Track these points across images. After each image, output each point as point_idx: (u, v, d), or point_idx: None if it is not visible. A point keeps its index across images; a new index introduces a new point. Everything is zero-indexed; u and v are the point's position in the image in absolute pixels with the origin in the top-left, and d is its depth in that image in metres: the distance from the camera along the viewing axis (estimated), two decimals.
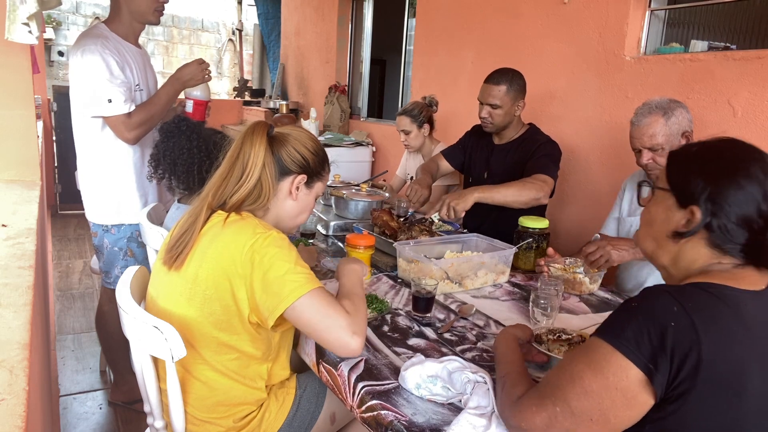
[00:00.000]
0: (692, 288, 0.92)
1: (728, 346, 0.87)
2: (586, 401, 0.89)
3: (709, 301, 0.89)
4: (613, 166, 2.56)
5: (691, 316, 0.86)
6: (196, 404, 1.25)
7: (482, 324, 1.53)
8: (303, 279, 1.16)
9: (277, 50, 6.74)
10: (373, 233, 2.11)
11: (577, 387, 0.90)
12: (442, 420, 1.07)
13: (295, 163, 1.33)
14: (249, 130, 1.30)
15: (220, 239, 1.20)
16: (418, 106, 3.05)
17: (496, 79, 2.32)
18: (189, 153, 1.86)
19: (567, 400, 0.91)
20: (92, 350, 2.90)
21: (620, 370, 0.87)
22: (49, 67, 8.64)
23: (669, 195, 1.02)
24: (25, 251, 1.37)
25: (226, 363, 1.24)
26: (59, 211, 5.47)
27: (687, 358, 0.85)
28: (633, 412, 0.89)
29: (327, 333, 1.14)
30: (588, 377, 0.89)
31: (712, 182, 0.95)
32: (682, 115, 1.83)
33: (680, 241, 1.00)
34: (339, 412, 1.44)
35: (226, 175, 1.28)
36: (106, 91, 1.99)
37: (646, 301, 0.91)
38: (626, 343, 0.87)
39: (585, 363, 0.91)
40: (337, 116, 4.95)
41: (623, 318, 0.91)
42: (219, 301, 1.19)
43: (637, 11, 2.46)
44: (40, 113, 4.74)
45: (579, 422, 0.90)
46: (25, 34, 1.61)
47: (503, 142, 2.46)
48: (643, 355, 0.86)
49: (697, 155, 1.01)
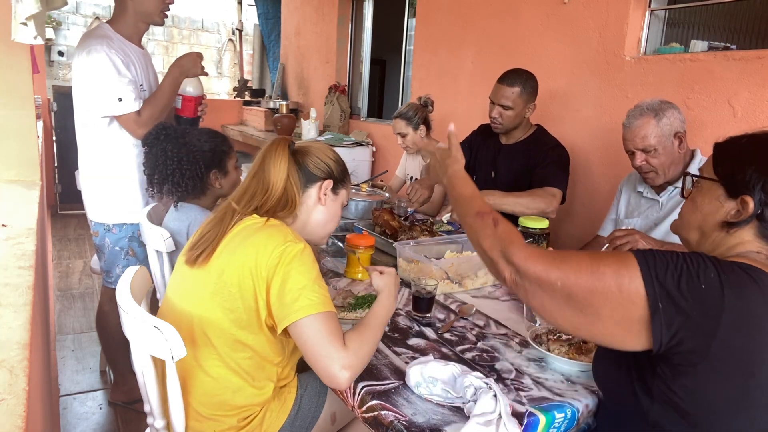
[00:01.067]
0: (733, 264, 0.92)
1: (749, 326, 0.87)
2: (588, 285, 0.91)
3: (745, 279, 0.89)
4: (612, 166, 2.55)
5: (723, 285, 0.86)
6: (202, 399, 1.26)
7: (482, 324, 1.53)
8: (317, 299, 1.16)
9: (277, 50, 6.74)
10: (374, 233, 2.11)
11: (586, 270, 0.92)
12: (442, 420, 1.07)
13: (320, 170, 1.38)
14: (271, 147, 1.34)
15: (251, 240, 1.23)
16: (413, 108, 3.05)
17: (510, 80, 2.31)
18: (172, 161, 1.84)
19: (575, 273, 0.92)
20: (92, 350, 2.90)
21: (632, 282, 0.88)
22: (49, 67, 8.64)
23: (717, 185, 1.02)
24: (25, 251, 1.37)
25: (239, 361, 1.25)
26: (59, 211, 5.47)
27: (703, 322, 0.85)
28: (624, 330, 0.90)
29: (318, 360, 1.13)
30: (603, 269, 0.91)
31: (766, 172, 0.96)
32: (673, 116, 1.83)
33: (730, 230, 1.00)
34: (340, 411, 1.44)
35: (249, 189, 1.33)
36: (116, 90, 2.00)
37: (691, 256, 0.91)
38: (652, 268, 0.88)
39: (611, 258, 0.93)
40: (337, 116, 4.95)
41: (664, 254, 0.91)
42: (242, 300, 1.21)
43: (637, 11, 2.46)
44: (40, 113, 4.74)
45: (569, 301, 0.93)
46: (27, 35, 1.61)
47: (511, 143, 2.47)
48: (658, 285, 0.87)
49: (747, 146, 1.02)
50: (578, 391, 1.20)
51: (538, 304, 0.98)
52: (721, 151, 1.05)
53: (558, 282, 0.93)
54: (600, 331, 0.93)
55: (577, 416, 1.15)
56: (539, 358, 1.34)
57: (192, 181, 1.86)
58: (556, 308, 0.95)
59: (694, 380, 0.88)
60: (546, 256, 0.97)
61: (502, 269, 1.02)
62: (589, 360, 1.27)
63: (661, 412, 0.93)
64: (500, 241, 1.04)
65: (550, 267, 0.95)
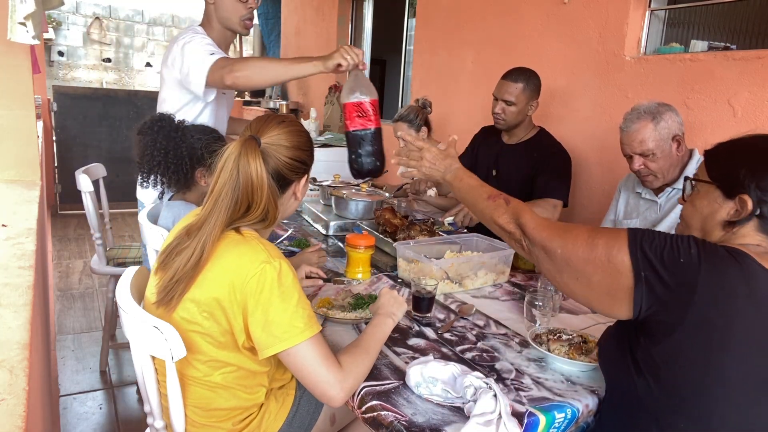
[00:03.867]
0: (719, 246, 0.98)
1: (725, 302, 0.92)
2: (583, 254, 1.03)
3: (727, 259, 0.95)
4: (612, 166, 2.56)
5: (702, 260, 0.93)
6: (195, 408, 1.25)
7: (482, 324, 1.53)
8: (302, 324, 1.11)
9: (277, 50, 6.74)
10: (377, 233, 2.11)
11: (583, 241, 1.04)
12: (442, 420, 1.07)
13: (295, 170, 1.26)
14: (242, 158, 1.15)
15: (220, 264, 1.14)
16: (413, 111, 3.05)
17: (514, 77, 2.36)
18: (160, 152, 1.82)
19: (573, 243, 1.05)
20: (92, 350, 2.90)
21: (620, 252, 0.98)
22: (49, 67, 8.65)
23: (713, 188, 1.07)
24: (25, 251, 1.37)
25: (224, 375, 1.22)
26: (59, 211, 5.47)
27: (679, 291, 0.93)
28: (611, 298, 1.00)
29: (314, 383, 1.12)
30: (597, 240, 1.02)
31: (758, 171, 1.01)
32: (671, 118, 1.81)
33: (732, 229, 1.05)
34: (339, 412, 1.44)
35: (226, 210, 1.16)
36: (208, 49, 1.97)
37: (679, 236, 0.98)
38: (639, 240, 0.97)
39: (606, 232, 1.04)
40: (337, 116, 4.95)
41: (653, 232, 0.99)
42: (217, 325, 1.16)
43: (637, 11, 2.46)
44: (40, 113, 4.74)
45: (567, 268, 1.06)
46: (24, 34, 1.61)
47: (512, 142, 2.48)
48: (642, 255, 0.96)
49: (736, 147, 1.08)
50: (578, 391, 1.20)
51: (545, 269, 1.12)
52: (711, 156, 1.11)
53: (558, 250, 1.07)
54: (591, 297, 1.05)
55: (577, 416, 1.15)
56: (539, 358, 1.34)
57: (176, 175, 1.84)
58: (557, 273, 1.09)
59: (670, 349, 0.95)
60: (551, 227, 1.12)
61: (519, 238, 1.18)
62: (589, 360, 1.27)
63: (645, 387, 0.99)
64: (514, 214, 1.20)
65: (553, 236, 1.09)
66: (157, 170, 1.84)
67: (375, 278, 1.83)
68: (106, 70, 9.61)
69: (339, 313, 1.47)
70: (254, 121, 1.27)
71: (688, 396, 0.95)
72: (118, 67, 9.72)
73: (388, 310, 1.32)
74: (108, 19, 9.36)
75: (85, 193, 2.64)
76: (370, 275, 1.83)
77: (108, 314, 2.73)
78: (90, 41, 9.32)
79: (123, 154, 5.47)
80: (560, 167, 2.36)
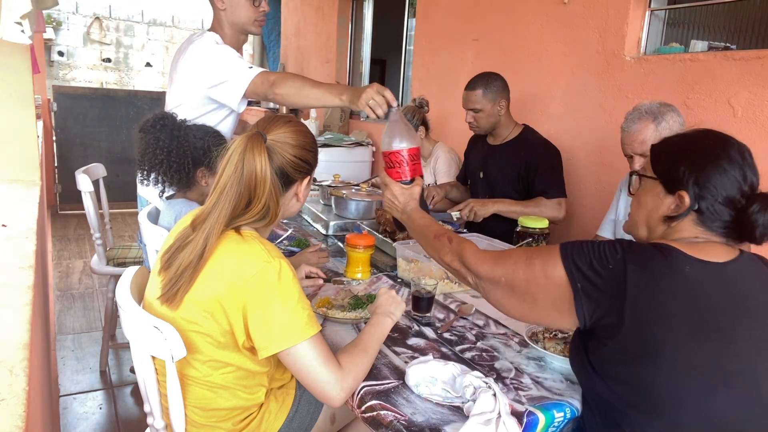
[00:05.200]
0: (647, 245, 1.03)
1: (656, 297, 0.95)
2: (524, 277, 1.08)
3: (651, 254, 0.99)
4: (612, 166, 2.56)
5: (626, 262, 0.98)
6: (195, 408, 1.25)
7: (482, 324, 1.53)
8: (302, 323, 1.12)
9: (277, 50, 6.74)
10: (377, 233, 2.12)
11: (521, 264, 1.10)
12: (442, 419, 1.07)
13: (299, 170, 1.26)
14: (247, 152, 1.16)
15: (220, 264, 1.14)
16: (410, 111, 3.06)
17: (471, 85, 2.43)
18: (162, 151, 1.82)
19: (513, 268, 1.11)
20: (92, 350, 2.90)
21: (555, 268, 1.03)
22: (49, 67, 8.65)
23: (656, 183, 1.10)
24: (25, 251, 1.37)
25: (224, 375, 1.22)
26: (59, 211, 5.47)
27: (613, 295, 0.97)
28: (557, 311, 1.05)
29: (314, 383, 1.12)
30: (534, 261, 1.08)
31: (697, 168, 1.04)
32: (673, 119, 1.81)
33: (672, 224, 1.08)
34: (339, 412, 1.44)
35: (230, 204, 1.16)
36: (243, 63, 1.98)
37: (606, 243, 1.03)
38: (570, 254, 1.03)
39: (541, 251, 1.11)
40: (337, 116, 4.96)
41: (582, 243, 1.05)
42: (217, 325, 1.16)
43: (637, 11, 2.46)
44: (40, 113, 4.74)
45: (513, 292, 1.11)
46: (18, 34, 1.60)
47: (498, 143, 2.51)
48: (575, 268, 1.01)
49: (678, 144, 1.12)
50: (577, 390, 1.20)
51: (494, 300, 1.16)
52: (656, 151, 1.14)
53: (502, 278, 1.12)
54: (541, 315, 1.10)
55: (576, 415, 1.15)
56: (538, 358, 1.34)
57: (178, 174, 1.84)
58: (506, 300, 1.13)
59: (617, 350, 0.97)
60: (490, 257, 1.16)
61: (465, 275, 1.22)
62: None
63: (604, 388, 1.01)
64: (456, 252, 1.23)
65: (494, 266, 1.14)
66: (158, 169, 1.84)
67: (375, 278, 1.83)
68: (106, 70, 9.62)
69: (339, 313, 1.48)
70: (261, 120, 1.28)
71: (643, 393, 0.96)
72: (118, 67, 9.74)
73: (387, 310, 1.32)
74: (108, 19, 9.37)
75: (85, 193, 2.65)
76: (369, 275, 1.83)
77: (108, 314, 2.73)
78: (90, 41, 9.33)
79: (123, 154, 5.47)
80: (554, 164, 2.40)
